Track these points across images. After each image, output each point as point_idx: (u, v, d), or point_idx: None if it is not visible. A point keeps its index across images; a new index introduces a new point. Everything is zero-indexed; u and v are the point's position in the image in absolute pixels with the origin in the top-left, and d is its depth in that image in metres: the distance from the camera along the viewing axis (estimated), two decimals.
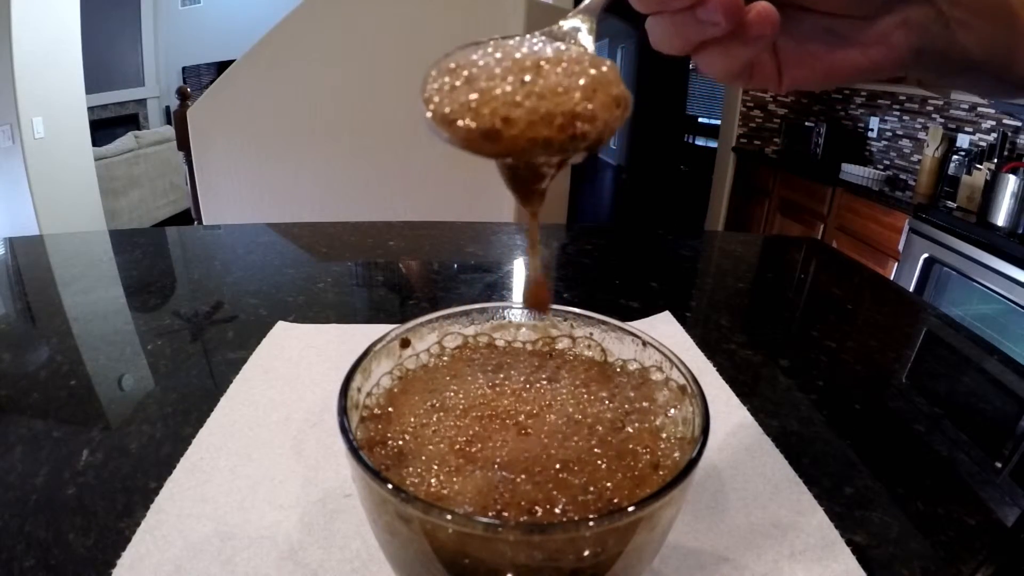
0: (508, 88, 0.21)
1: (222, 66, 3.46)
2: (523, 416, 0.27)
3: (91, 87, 3.22)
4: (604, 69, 0.22)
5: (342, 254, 0.84)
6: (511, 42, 0.23)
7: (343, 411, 0.23)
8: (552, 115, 0.21)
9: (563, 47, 0.23)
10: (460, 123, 0.21)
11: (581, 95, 0.21)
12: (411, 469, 0.24)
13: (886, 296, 0.82)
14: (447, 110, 0.22)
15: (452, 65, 0.22)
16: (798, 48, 0.26)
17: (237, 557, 0.31)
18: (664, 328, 0.60)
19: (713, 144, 4.35)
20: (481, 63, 0.22)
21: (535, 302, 0.28)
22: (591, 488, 0.23)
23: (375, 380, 0.28)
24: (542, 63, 0.22)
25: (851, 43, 0.25)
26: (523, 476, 0.23)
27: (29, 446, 0.40)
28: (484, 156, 0.22)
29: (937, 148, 2.39)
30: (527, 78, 0.21)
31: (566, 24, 0.25)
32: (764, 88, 0.28)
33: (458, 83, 0.22)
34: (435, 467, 0.24)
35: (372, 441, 0.25)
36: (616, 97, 0.22)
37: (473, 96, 0.21)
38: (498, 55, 0.22)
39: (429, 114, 0.22)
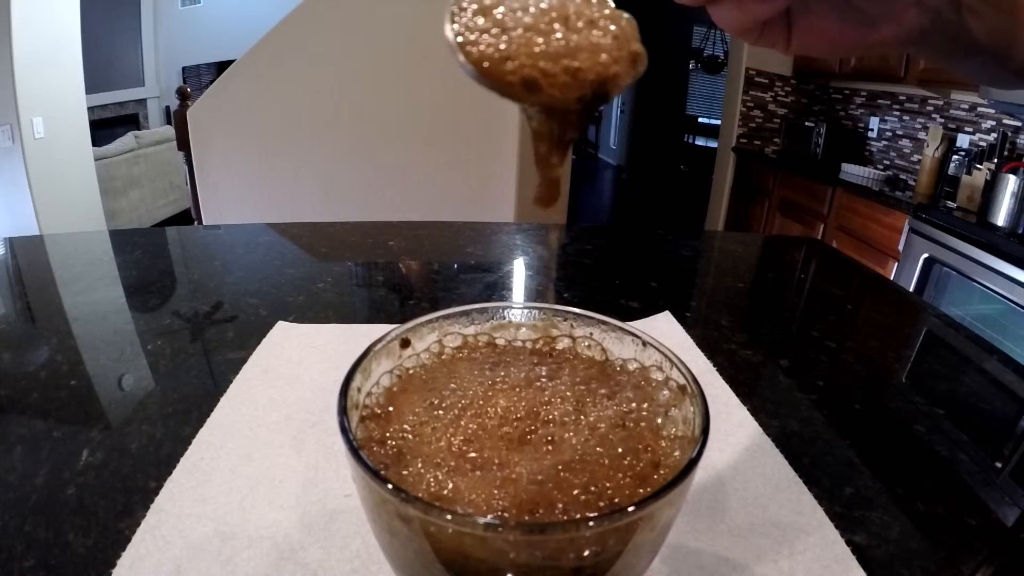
0: (541, 42, 0.22)
1: (222, 66, 3.45)
2: (523, 416, 0.27)
3: (91, 87, 3.22)
4: (624, 24, 0.23)
5: (342, 254, 0.84)
6: None
7: (343, 411, 0.23)
8: (584, 74, 0.22)
9: None
10: (500, 70, 0.22)
11: (609, 56, 0.22)
12: (411, 469, 0.24)
13: (886, 296, 0.82)
14: (485, 60, 0.22)
15: (479, 8, 0.23)
16: (812, 15, 0.27)
17: (237, 557, 0.31)
18: (664, 328, 0.60)
19: (713, 144, 4.35)
20: (511, 4, 0.23)
21: (546, 199, 0.27)
22: (592, 488, 0.23)
23: (375, 380, 0.28)
24: (570, 13, 0.22)
25: (865, 17, 0.26)
26: (523, 475, 0.23)
27: (29, 446, 0.40)
28: (514, 101, 0.23)
29: (937, 148, 2.39)
30: (558, 31, 0.22)
31: None
32: (771, 47, 0.28)
33: (490, 26, 0.22)
34: (435, 466, 0.24)
35: (372, 441, 0.25)
36: (634, 54, 0.23)
37: (507, 45, 0.22)
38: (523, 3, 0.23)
39: (462, 57, 0.22)
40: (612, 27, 0.22)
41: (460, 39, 0.22)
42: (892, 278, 2.14)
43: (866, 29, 0.26)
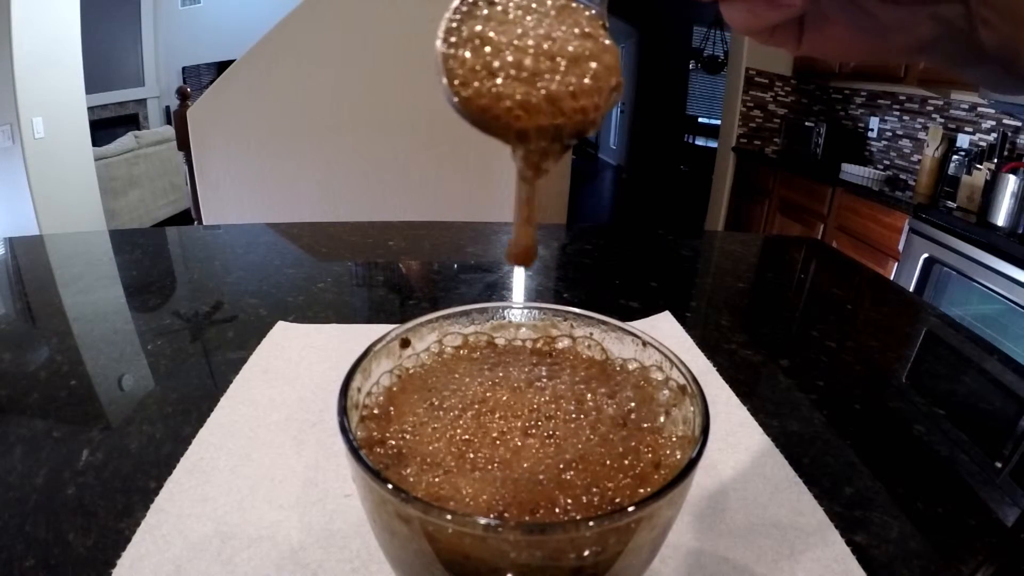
0: (528, 83, 0.22)
1: (222, 66, 3.46)
2: (523, 415, 0.27)
3: (91, 87, 3.22)
4: (607, 59, 0.23)
5: (342, 254, 0.84)
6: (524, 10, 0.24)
7: (343, 411, 0.23)
8: (562, 128, 0.23)
9: (571, 23, 0.24)
10: (486, 109, 0.23)
11: (591, 98, 0.23)
12: (411, 469, 0.24)
13: (886, 296, 0.82)
14: (475, 96, 0.23)
15: (470, 35, 0.23)
16: (824, 19, 0.26)
17: (237, 557, 0.31)
18: (664, 328, 0.60)
19: (713, 144, 4.35)
20: (501, 39, 0.23)
21: (522, 258, 0.27)
22: (592, 488, 0.23)
23: (375, 380, 0.28)
24: (556, 54, 0.23)
25: (876, 25, 0.25)
26: (523, 475, 0.23)
27: (29, 446, 0.40)
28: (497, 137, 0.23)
29: (937, 148, 2.39)
30: (545, 68, 0.23)
31: None
32: (780, 47, 0.28)
33: (480, 61, 0.23)
34: (435, 466, 0.24)
35: (372, 441, 0.25)
36: (615, 86, 0.24)
37: (498, 84, 0.23)
38: (515, 31, 0.23)
39: (455, 97, 0.23)
40: (594, 65, 0.23)
41: (451, 77, 0.23)
42: (892, 278, 2.14)
43: (879, 35, 0.26)
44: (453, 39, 0.23)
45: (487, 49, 0.23)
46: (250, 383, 0.48)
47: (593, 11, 0.25)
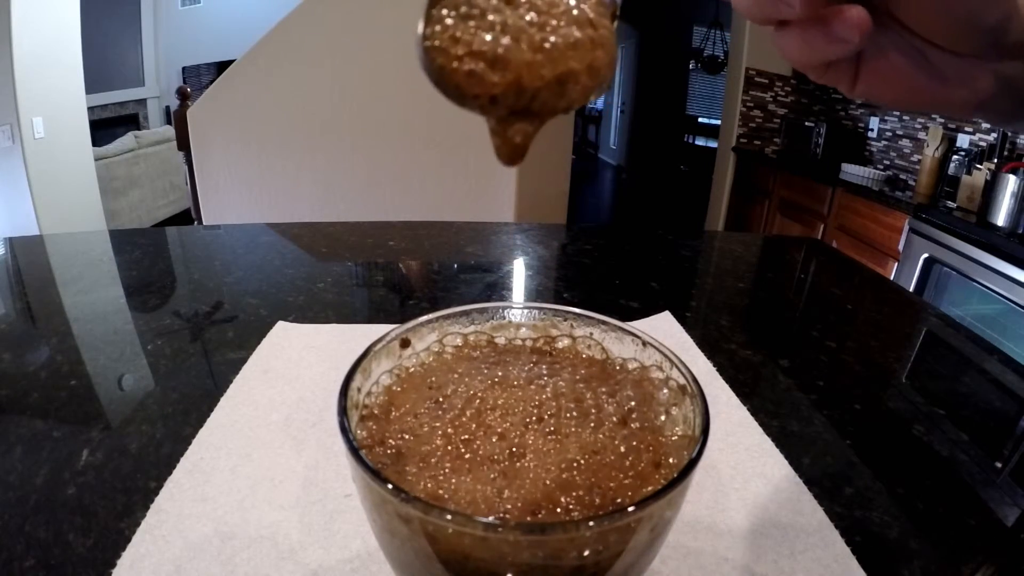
0: (525, 48, 0.22)
1: (222, 66, 3.46)
2: (523, 415, 0.27)
3: (91, 87, 3.22)
4: (603, 31, 0.23)
5: (342, 254, 0.84)
6: None
7: (343, 411, 0.23)
8: (566, 90, 0.22)
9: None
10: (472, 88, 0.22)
11: (568, 65, 0.22)
12: (411, 468, 0.24)
13: (886, 296, 0.82)
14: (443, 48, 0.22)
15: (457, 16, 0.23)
16: (884, 61, 0.25)
17: (237, 557, 0.31)
18: (664, 328, 0.60)
19: (713, 144, 4.35)
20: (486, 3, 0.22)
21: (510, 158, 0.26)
22: (592, 488, 0.23)
23: (375, 380, 0.28)
24: (548, 26, 0.22)
25: (938, 74, 0.25)
26: (524, 475, 0.23)
27: (29, 446, 0.40)
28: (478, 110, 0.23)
29: (937, 148, 2.39)
30: (539, 39, 0.22)
31: None
32: (834, 86, 0.27)
33: (457, 15, 0.22)
34: (435, 466, 0.24)
35: (372, 441, 0.25)
36: (610, 62, 0.23)
37: (467, 36, 0.22)
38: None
39: (424, 43, 0.23)
40: (592, 35, 0.23)
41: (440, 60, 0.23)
42: (892, 278, 2.14)
43: (938, 85, 0.25)
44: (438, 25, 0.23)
45: (466, 9, 0.22)
46: (250, 383, 0.48)
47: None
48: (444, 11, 0.22)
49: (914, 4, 0.23)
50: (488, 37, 0.22)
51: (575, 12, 0.22)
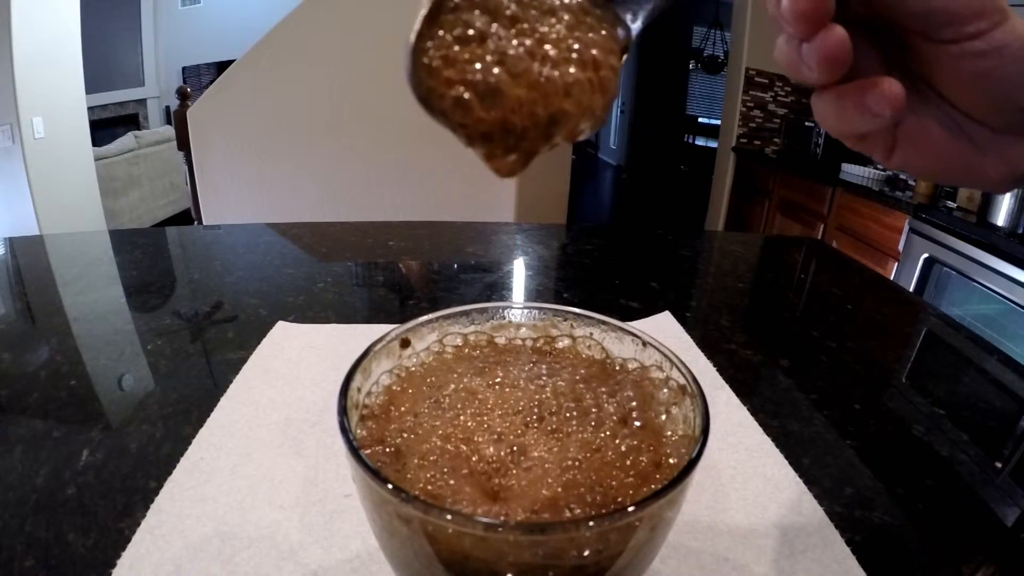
0: (523, 87, 0.21)
1: (222, 66, 3.46)
2: (523, 415, 0.27)
3: (91, 87, 3.21)
4: (606, 73, 0.22)
5: (342, 254, 0.84)
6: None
7: (343, 411, 0.23)
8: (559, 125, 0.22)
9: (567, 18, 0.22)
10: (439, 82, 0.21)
11: (582, 119, 0.22)
12: (411, 468, 0.24)
13: (886, 296, 0.82)
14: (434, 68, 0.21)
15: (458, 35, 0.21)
16: (922, 131, 0.25)
17: (237, 557, 0.31)
18: (664, 328, 0.60)
19: (713, 144, 4.35)
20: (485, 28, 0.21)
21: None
22: (595, 488, 0.23)
23: (375, 380, 0.28)
24: (549, 62, 0.21)
25: (975, 146, 0.25)
26: (523, 475, 0.23)
27: (29, 446, 0.40)
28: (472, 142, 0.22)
29: None
30: (542, 72, 0.21)
31: None
32: (870, 154, 0.27)
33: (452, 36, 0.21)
34: (435, 466, 0.24)
35: (372, 440, 0.25)
36: (607, 104, 0.23)
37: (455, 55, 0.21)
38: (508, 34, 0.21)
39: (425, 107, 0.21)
40: (596, 72, 0.22)
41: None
42: (892, 278, 2.14)
43: (974, 157, 0.25)
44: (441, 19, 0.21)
45: (465, 31, 0.21)
46: (250, 383, 0.48)
47: (618, 32, 0.22)
48: (441, 31, 0.21)
49: (954, 81, 0.23)
50: (482, 66, 0.21)
51: (581, 50, 0.21)
